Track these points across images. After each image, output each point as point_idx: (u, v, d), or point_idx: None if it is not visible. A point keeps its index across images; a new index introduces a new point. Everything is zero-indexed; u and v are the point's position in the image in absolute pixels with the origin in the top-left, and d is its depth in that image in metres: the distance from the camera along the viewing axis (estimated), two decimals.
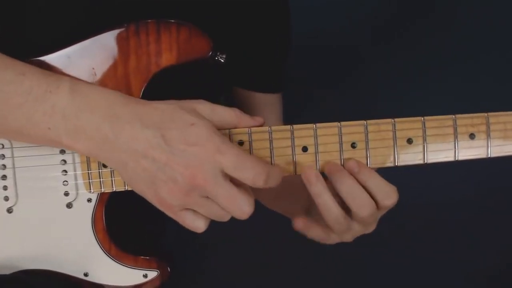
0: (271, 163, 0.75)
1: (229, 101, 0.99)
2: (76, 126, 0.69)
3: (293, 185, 0.83)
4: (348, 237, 0.78)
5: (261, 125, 0.74)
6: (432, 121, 0.76)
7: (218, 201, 0.68)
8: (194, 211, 0.70)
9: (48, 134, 0.70)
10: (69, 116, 0.69)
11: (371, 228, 0.77)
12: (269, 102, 1.00)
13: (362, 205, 0.72)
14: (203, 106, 0.71)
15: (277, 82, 1.01)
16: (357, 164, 0.73)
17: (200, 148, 0.66)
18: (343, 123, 0.75)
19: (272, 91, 1.00)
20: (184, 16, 0.76)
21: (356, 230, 0.76)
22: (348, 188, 0.72)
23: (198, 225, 0.72)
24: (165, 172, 0.67)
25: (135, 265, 0.79)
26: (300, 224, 0.77)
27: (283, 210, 0.93)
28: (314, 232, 0.78)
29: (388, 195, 0.73)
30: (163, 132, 0.67)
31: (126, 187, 0.76)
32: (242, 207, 0.69)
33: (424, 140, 0.76)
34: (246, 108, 0.98)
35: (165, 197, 0.68)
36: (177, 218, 0.71)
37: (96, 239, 0.78)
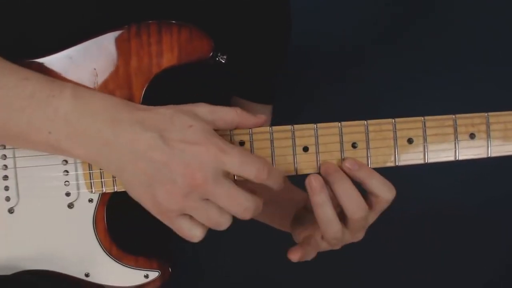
0: (272, 163, 0.75)
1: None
2: (78, 130, 0.69)
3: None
4: (338, 246, 0.78)
5: (263, 123, 0.74)
6: (433, 121, 0.76)
7: (218, 201, 0.68)
8: (191, 218, 0.70)
9: (49, 139, 0.70)
10: (71, 120, 0.69)
11: (359, 236, 0.77)
12: (261, 112, 0.99)
13: (357, 207, 0.72)
14: (202, 109, 0.71)
15: (269, 92, 1.01)
16: (356, 163, 0.73)
17: (200, 148, 0.67)
18: (343, 123, 0.76)
19: (265, 101, 1.00)
20: (186, 17, 0.76)
21: (347, 238, 0.76)
22: (345, 190, 0.72)
23: (194, 233, 0.71)
24: (164, 173, 0.67)
25: (136, 265, 0.79)
26: (296, 256, 0.78)
27: (267, 218, 0.93)
28: (310, 254, 0.79)
29: (390, 190, 0.73)
30: (162, 134, 0.67)
31: None
32: (244, 204, 0.68)
33: (425, 140, 0.76)
34: None
35: (162, 200, 0.68)
36: (173, 226, 0.71)
37: (97, 239, 0.78)
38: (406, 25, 1.39)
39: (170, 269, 0.80)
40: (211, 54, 0.76)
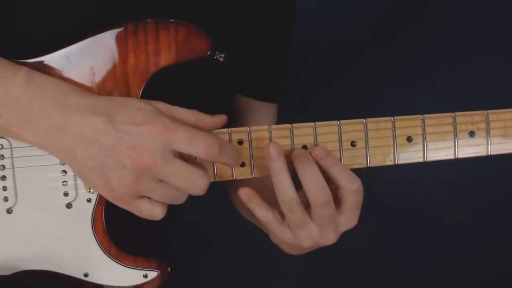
0: None
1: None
2: (29, 114, 0.69)
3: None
4: (304, 240, 0.73)
5: (223, 124, 0.73)
6: (432, 118, 0.76)
7: (170, 181, 0.67)
8: (149, 198, 0.69)
9: None
10: (23, 104, 0.69)
11: (330, 236, 0.73)
12: (265, 111, 0.99)
13: (318, 188, 0.70)
14: (161, 103, 0.71)
15: (274, 90, 1.00)
16: (325, 151, 0.72)
17: (146, 128, 0.66)
18: (342, 121, 0.75)
19: (269, 99, 0.99)
20: (184, 16, 0.76)
21: (314, 234, 0.72)
22: (309, 170, 0.71)
23: (155, 212, 0.70)
24: (112, 157, 0.66)
25: (135, 265, 0.79)
26: (244, 193, 0.71)
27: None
28: (260, 211, 0.72)
29: (351, 179, 0.71)
30: (111, 117, 0.67)
31: None
32: (196, 181, 0.67)
33: (424, 138, 0.75)
34: (242, 116, 0.97)
35: (115, 186, 0.67)
36: (132, 209, 0.70)
37: (96, 239, 0.78)
38: (404, 23, 1.38)
39: (169, 269, 0.80)
40: (209, 52, 0.76)
